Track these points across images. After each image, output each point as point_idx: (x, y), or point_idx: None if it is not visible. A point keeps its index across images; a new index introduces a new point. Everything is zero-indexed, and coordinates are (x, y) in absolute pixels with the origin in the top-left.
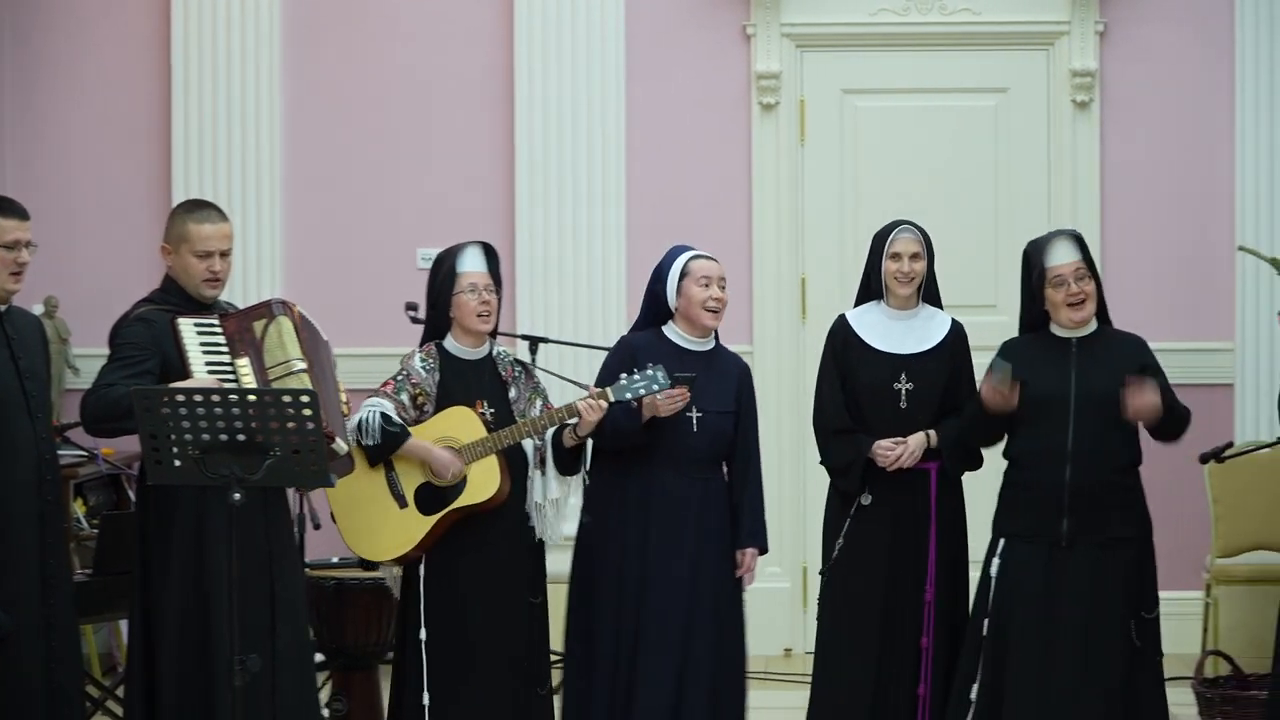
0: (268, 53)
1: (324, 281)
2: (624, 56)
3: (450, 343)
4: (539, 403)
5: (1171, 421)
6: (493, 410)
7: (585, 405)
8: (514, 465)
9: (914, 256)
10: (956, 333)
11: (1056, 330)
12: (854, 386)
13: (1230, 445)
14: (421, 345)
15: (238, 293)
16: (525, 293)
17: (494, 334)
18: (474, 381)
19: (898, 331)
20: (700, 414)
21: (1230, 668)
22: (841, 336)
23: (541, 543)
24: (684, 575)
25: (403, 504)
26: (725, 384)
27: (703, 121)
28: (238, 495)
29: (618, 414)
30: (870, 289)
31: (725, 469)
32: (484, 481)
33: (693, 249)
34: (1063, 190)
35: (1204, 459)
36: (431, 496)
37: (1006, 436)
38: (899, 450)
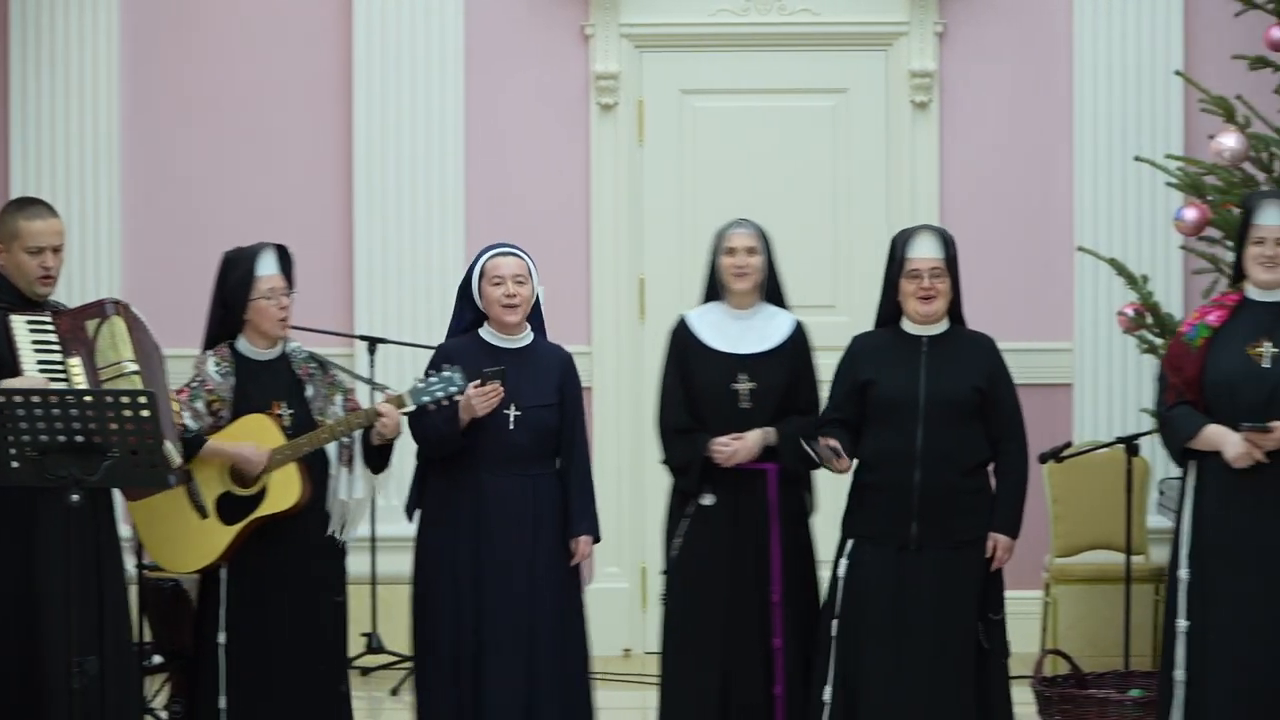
0: (106, 51)
1: (161, 282)
2: (463, 57)
3: (243, 344)
4: (338, 398)
5: None
6: (291, 411)
7: (385, 408)
8: (314, 466)
9: (749, 251)
10: (798, 333)
11: (908, 327)
12: (693, 386)
13: (1069, 445)
14: (213, 348)
15: (75, 292)
16: (364, 293)
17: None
18: (270, 383)
19: (737, 331)
20: (519, 411)
21: (1069, 667)
22: (681, 337)
23: (344, 543)
24: (523, 575)
25: (203, 515)
26: (546, 377)
27: (541, 122)
28: (75, 496)
29: (436, 420)
30: (711, 289)
31: (558, 463)
32: (284, 489)
33: (496, 247)
34: (902, 191)
35: (1043, 459)
36: (232, 506)
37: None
38: (734, 446)
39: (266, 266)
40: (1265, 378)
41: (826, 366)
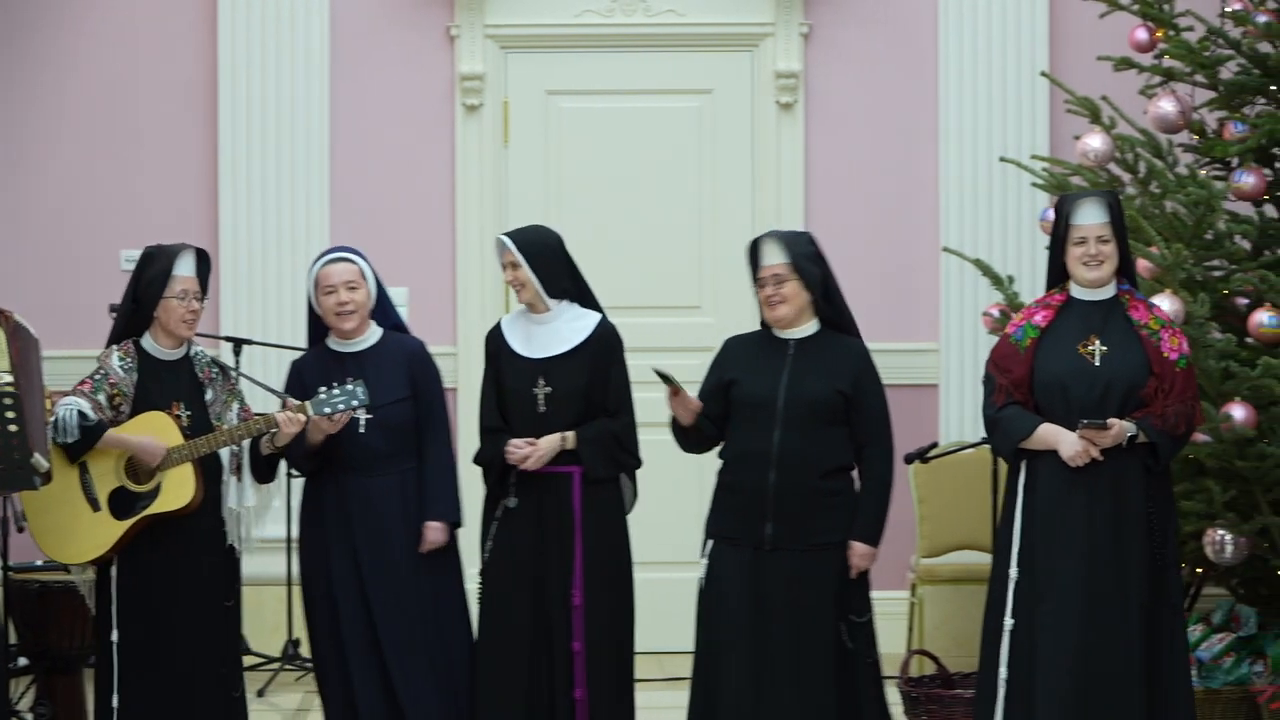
0: None
1: (25, 282)
2: (328, 58)
3: (149, 342)
4: (235, 406)
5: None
6: (189, 413)
7: (284, 418)
8: (208, 470)
9: (512, 265)
10: (601, 333)
11: (777, 331)
12: (502, 391)
13: (935, 445)
14: (118, 343)
15: None
16: (229, 294)
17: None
18: (171, 383)
19: (539, 335)
20: (369, 415)
21: (935, 667)
22: (494, 342)
23: (234, 547)
24: (396, 573)
25: (96, 507)
26: (394, 373)
27: (407, 123)
28: None
29: (295, 449)
30: None
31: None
32: (178, 489)
33: (327, 254)
34: (767, 192)
35: (909, 459)
36: (125, 501)
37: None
38: (526, 450)
39: (184, 267)
40: (1097, 375)
41: (691, 368)
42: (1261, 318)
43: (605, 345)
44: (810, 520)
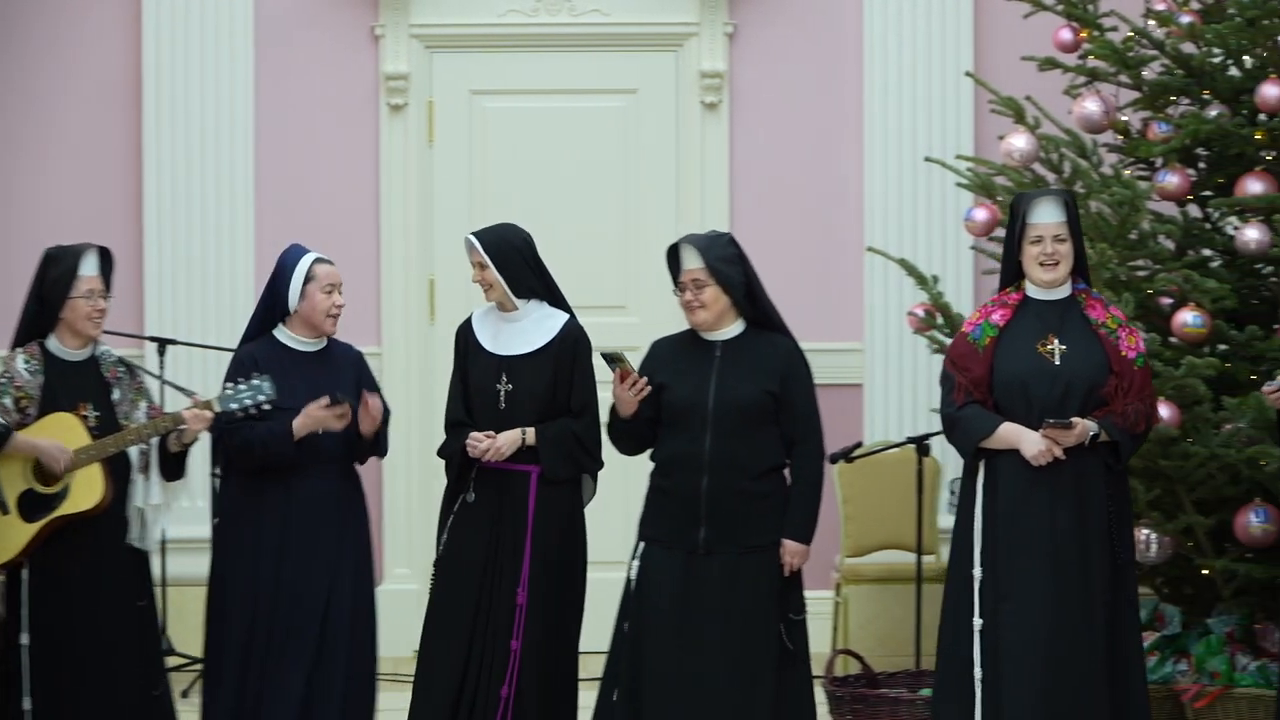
0: None
1: None
2: (252, 57)
3: (54, 343)
4: (143, 404)
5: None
6: (97, 413)
7: (191, 415)
8: (117, 469)
9: (480, 266)
10: (568, 333)
11: (701, 332)
12: (468, 386)
13: (859, 445)
14: (22, 345)
15: None
16: (154, 294)
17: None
18: (77, 383)
19: (506, 333)
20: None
21: (860, 666)
22: (464, 336)
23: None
24: (325, 576)
25: (4, 510)
26: (344, 376)
27: (331, 123)
28: None
29: (272, 436)
30: None
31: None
32: (87, 489)
33: (312, 252)
34: (691, 191)
35: (833, 459)
36: (34, 504)
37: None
38: (485, 444)
39: (89, 267)
40: (1058, 375)
41: None
42: (1185, 317)
43: (571, 345)
44: (744, 523)
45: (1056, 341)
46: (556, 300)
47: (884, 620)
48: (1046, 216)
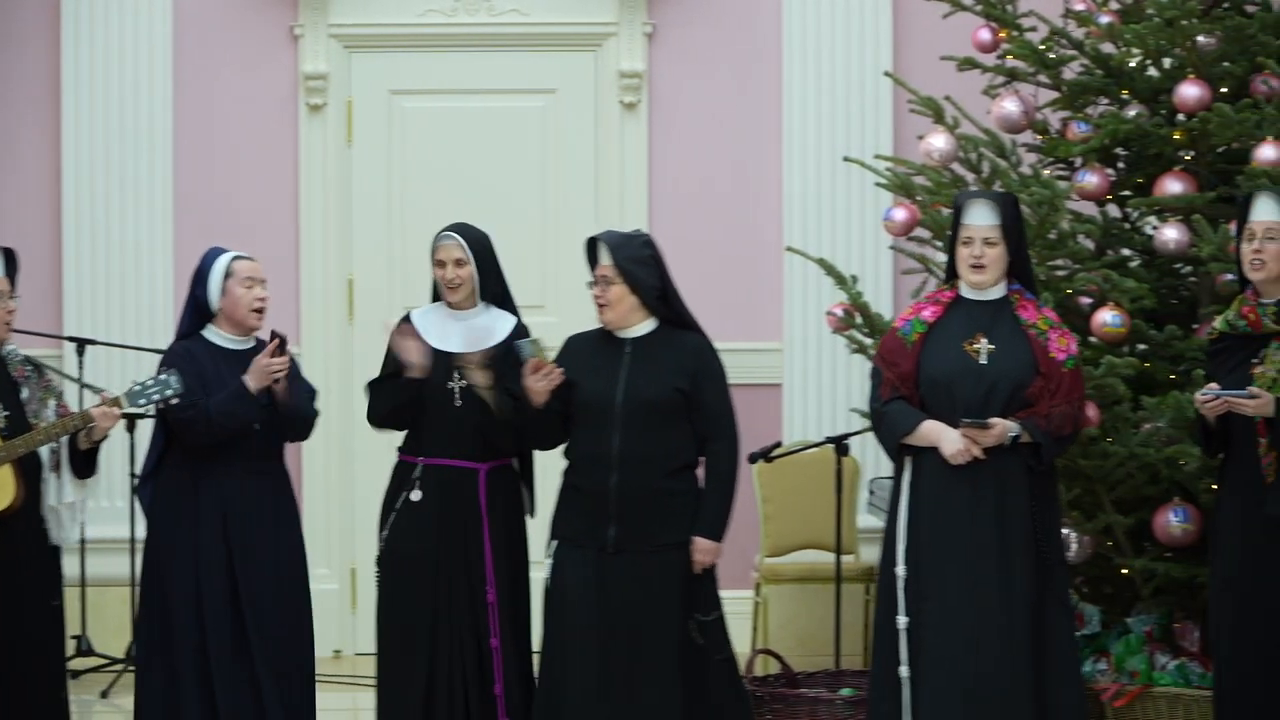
0: None
1: None
2: (171, 57)
3: None
4: (52, 403)
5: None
6: (6, 414)
7: (100, 412)
8: (28, 469)
9: (457, 263)
10: (518, 334)
11: (613, 330)
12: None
13: (778, 445)
14: None
15: None
16: (73, 295)
17: None
18: None
19: (457, 331)
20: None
21: (780, 666)
22: None
23: (57, 545)
24: (259, 572)
25: None
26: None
27: (250, 123)
28: None
29: (230, 399)
30: (437, 290)
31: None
32: None
33: (231, 251)
34: (610, 191)
35: (752, 459)
36: None
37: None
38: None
39: None
40: (983, 374)
41: None
42: (1105, 317)
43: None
44: (654, 522)
45: (985, 341)
46: (506, 303)
47: (803, 620)
48: (977, 219)
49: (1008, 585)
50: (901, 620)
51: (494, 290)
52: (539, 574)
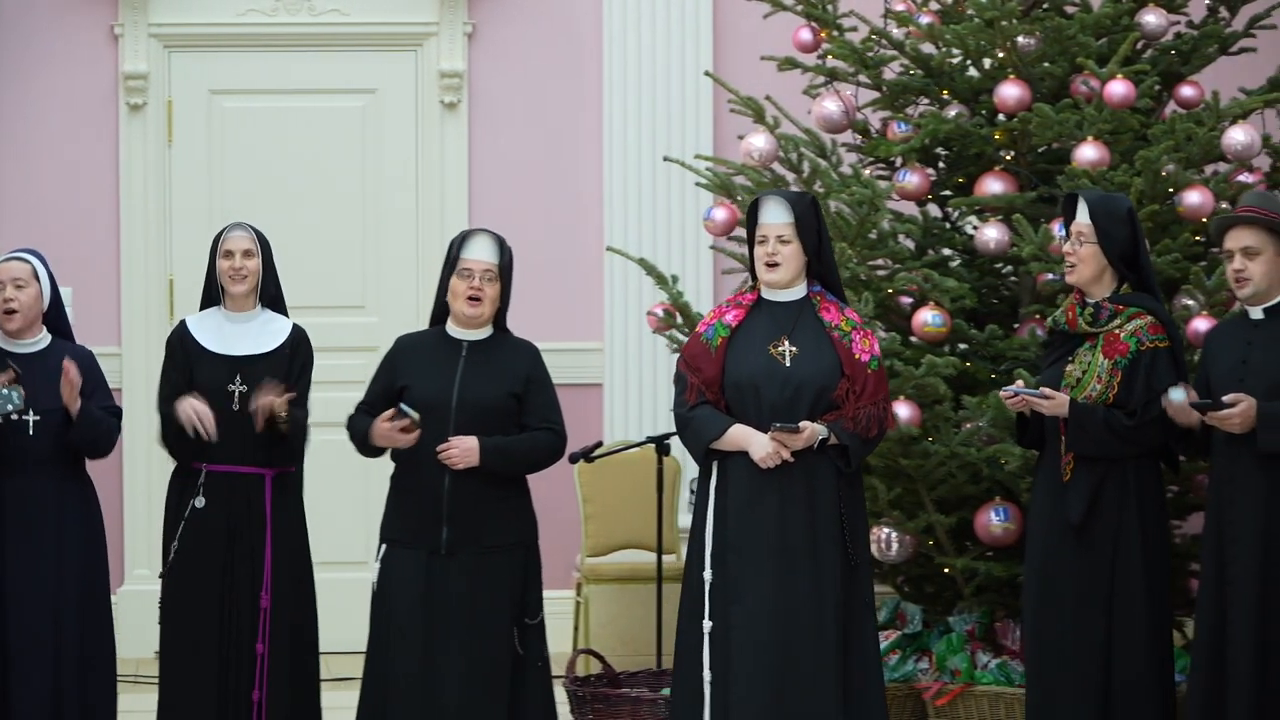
0: None
1: None
2: None
3: None
4: None
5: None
6: None
7: None
8: None
9: (245, 254)
10: (296, 337)
11: (452, 330)
12: (195, 389)
13: (599, 445)
14: None
15: None
16: None
17: None
18: None
19: (234, 334)
20: (37, 416)
21: (601, 666)
22: (180, 341)
23: None
24: (47, 581)
25: None
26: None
27: (71, 122)
28: None
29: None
30: (211, 293)
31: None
32: None
33: (7, 254)
34: (431, 191)
35: (573, 459)
36: None
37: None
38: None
39: None
40: (789, 377)
41: (356, 367)
42: (925, 316)
43: (301, 348)
44: (485, 524)
45: (788, 343)
46: (280, 306)
47: (625, 620)
48: (771, 217)
49: (815, 587)
50: (707, 624)
51: (271, 292)
52: (335, 575)
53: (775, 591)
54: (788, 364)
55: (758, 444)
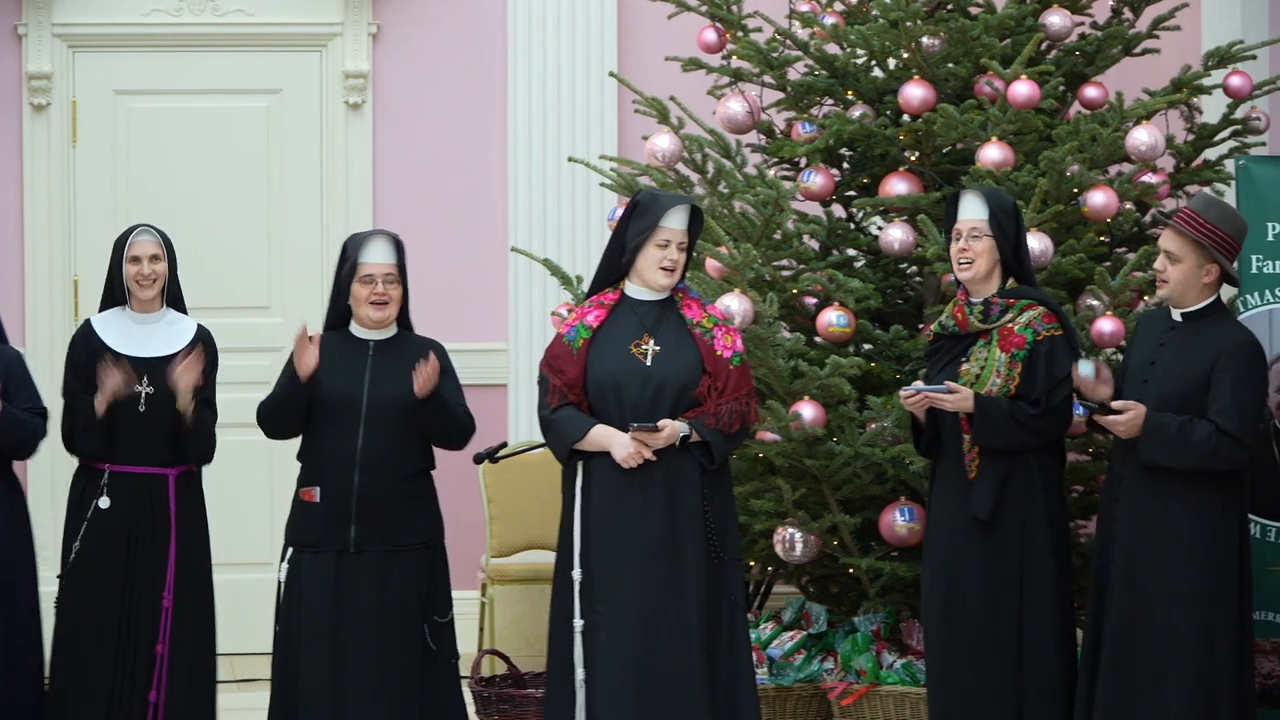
0: None
1: None
2: None
3: None
4: None
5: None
6: None
7: None
8: None
9: (152, 258)
10: (201, 337)
11: (356, 330)
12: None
13: (504, 445)
14: None
15: None
16: None
17: None
18: None
19: (141, 336)
20: None
21: (506, 666)
22: (86, 341)
23: None
24: None
25: None
26: None
27: None
28: None
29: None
30: (114, 295)
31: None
32: None
33: None
34: (336, 191)
35: (477, 459)
36: None
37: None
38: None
39: None
40: (650, 376)
41: (261, 368)
42: (830, 317)
43: (207, 349)
44: (393, 522)
45: (651, 342)
46: (181, 307)
47: (530, 620)
48: (675, 222)
49: (679, 585)
50: (578, 623)
51: (175, 293)
52: (239, 576)
53: (640, 591)
54: (649, 363)
55: (619, 444)
